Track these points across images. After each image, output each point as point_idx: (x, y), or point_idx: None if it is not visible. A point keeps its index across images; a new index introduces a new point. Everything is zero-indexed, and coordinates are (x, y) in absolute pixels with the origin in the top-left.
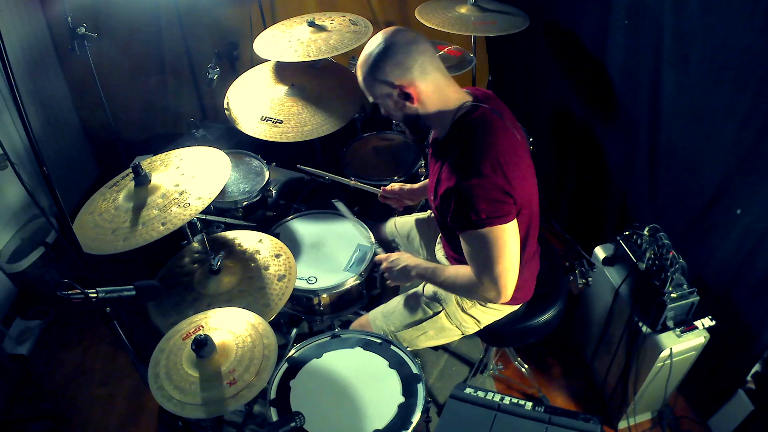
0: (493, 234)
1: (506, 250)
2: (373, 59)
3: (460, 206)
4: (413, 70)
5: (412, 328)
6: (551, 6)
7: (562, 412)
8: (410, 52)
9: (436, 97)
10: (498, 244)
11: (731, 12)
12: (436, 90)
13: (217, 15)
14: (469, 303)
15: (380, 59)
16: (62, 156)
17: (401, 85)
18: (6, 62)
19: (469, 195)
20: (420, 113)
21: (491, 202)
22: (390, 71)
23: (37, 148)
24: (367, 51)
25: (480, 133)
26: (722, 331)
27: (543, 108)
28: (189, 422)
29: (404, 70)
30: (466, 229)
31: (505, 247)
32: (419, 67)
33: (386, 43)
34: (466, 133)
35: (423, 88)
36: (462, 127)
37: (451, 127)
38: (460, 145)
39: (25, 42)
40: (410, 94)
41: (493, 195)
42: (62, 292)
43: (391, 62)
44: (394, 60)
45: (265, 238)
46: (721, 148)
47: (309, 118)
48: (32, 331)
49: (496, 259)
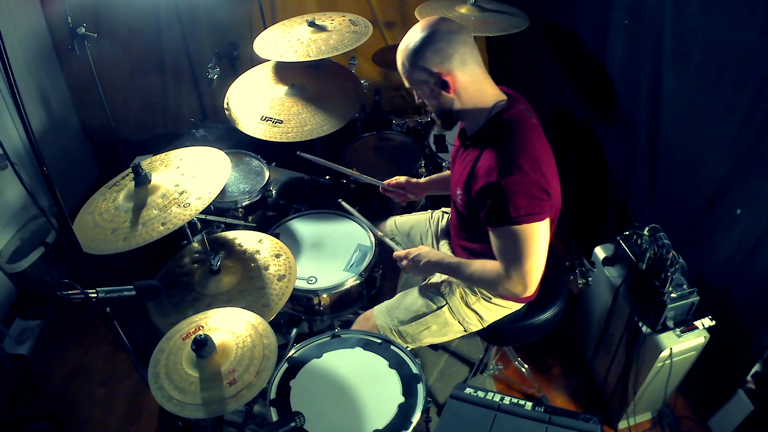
0: (528, 231)
1: (537, 247)
2: (415, 44)
3: (498, 202)
4: (453, 59)
5: (415, 322)
6: (551, 6)
7: (562, 412)
8: (452, 42)
9: (473, 89)
10: (531, 240)
11: (731, 12)
12: (473, 83)
13: (217, 15)
14: (473, 298)
15: (421, 45)
16: (62, 156)
17: (439, 72)
18: (6, 62)
19: (511, 191)
20: (454, 104)
21: (531, 198)
22: (430, 58)
23: (37, 148)
24: (409, 36)
25: (518, 131)
26: (722, 331)
27: (543, 108)
28: (189, 422)
29: (444, 58)
30: (501, 225)
31: (537, 244)
32: (459, 57)
33: (429, 30)
34: (504, 130)
35: (461, 78)
36: (498, 124)
37: (485, 123)
38: (498, 141)
39: (25, 42)
40: (447, 83)
41: (533, 192)
42: (62, 292)
43: (432, 49)
44: (435, 47)
45: (265, 238)
46: (721, 148)
47: (309, 118)
48: (32, 331)
49: (528, 255)
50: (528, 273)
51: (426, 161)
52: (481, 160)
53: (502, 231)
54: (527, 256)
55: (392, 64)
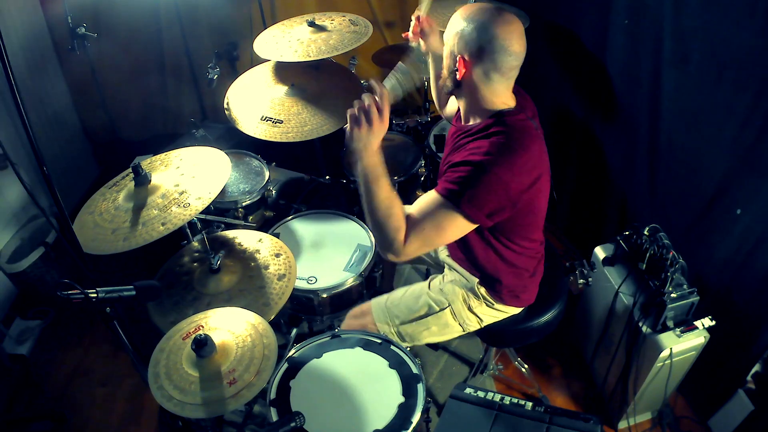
0: (460, 220)
1: (451, 235)
2: (473, 28)
3: (465, 180)
4: (481, 64)
5: (416, 322)
6: (551, 6)
7: (562, 412)
8: (495, 57)
9: (484, 92)
10: (453, 228)
11: (731, 12)
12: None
13: (217, 15)
14: (476, 302)
15: (475, 34)
16: (62, 156)
17: (462, 59)
18: (6, 62)
19: (485, 180)
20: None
21: (493, 197)
22: (468, 46)
23: (37, 148)
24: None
25: (518, 134)
26: (722, 331)
27: (543, 108)
28: (189, 422)
29: (475, 57)
30: (448, 199)
31: (453, 232)
32: (487, 68)
33: (493, 30)
34: (503, 129)
35: (475, 78)
36: (500, 122)
37: (487, 119)
38: (495, 134)
39: (25, 42)
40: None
41: (500, 194)
42: (62, 292)
43: (476, 44)
44: (479, 44)
45: (265, 237)
46: (721, 148)
47: (309, 118)
48: (32, 331)
49: (438, 236)
50: (419, 246)
51: (426, 161)
52: (473, 143)
53: (443, 202)
54: (434, 237)
55: (392, 64)
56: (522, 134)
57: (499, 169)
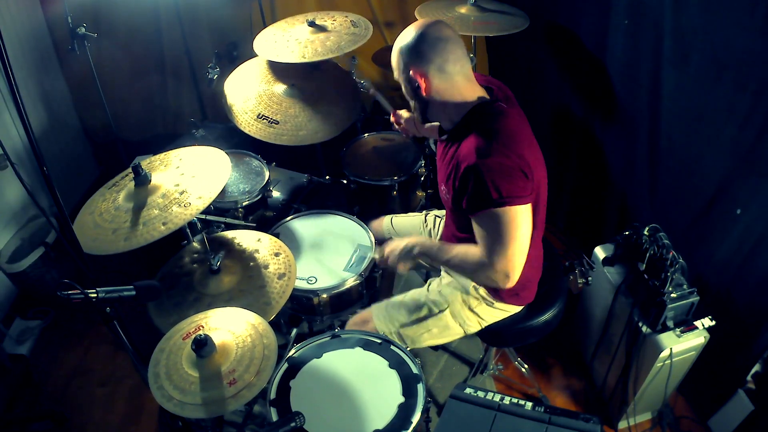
0: (510, 214)
1: (520, 232)
2: (405, 41)
3: (479, 184)
4: (432, 63)
5: (416, 325)
6: (551, 6)
7: (562, 412)
8: (436, 47)
9: (450, 94)
10: (514, 224)
11: (731, 12)
12: (450, 88)
13: (217, 15)
14: (476, 301)
15: (409, 43)
16: (62, 156)
17: (415, 74)
18: (6, 62)
19: (490, 172)
20: (429, 105)
21: (511, 180)
22: (411, 59)
23: (37, 148)
24: (402, 34)
25: (495, 118)
26: (722, 331)
27: (543, 108)
28: (189, 422)
29: (423, 61)
30: (483, 209)
31: (519, 228)
32: (439, 62)
33: (418, 32)
34: (481, 119)
35: (436, 82)
36: (476, 114)
37: (464, 117)
38: (476, 128)
39: (25, 42)
40: (420, 85)
41: (513, 173)
42: (62, 292)
43: (415, 50)
44: (417, 49)
45: (264, 237)
46: (721, 148)
47: (305, 122)
48: (32, 331)
49: (511, 240)
50: (512, 259)
51: (426, 161)
52: (461, 148)
53: (484, 215)
54: (511, 241)
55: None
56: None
57: (494, 157)
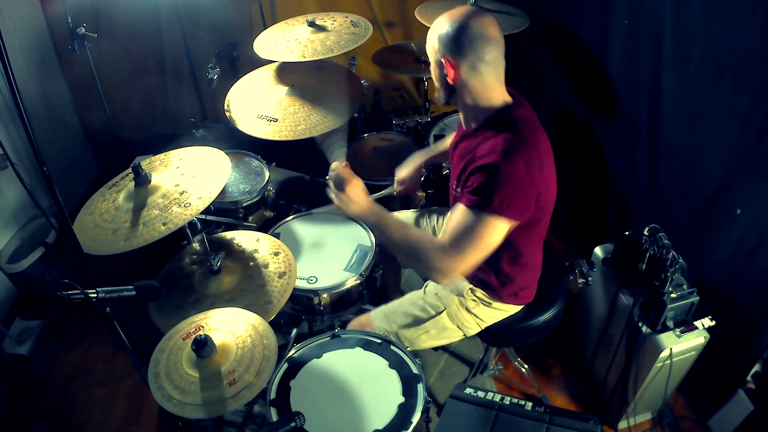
0: (495, 223)
1: (490, 244)
2: (445, 29)
3: (489, 184)
4: (465, 59)
5: (413, 327)
6: (551, 6)
7: (562, 412)
8: (474, 45)
9: (476, 92)
10: (492, 235)
11: (731, 12)
12: (477, 86)
13: (217, 15)
14: (473, 303)
15: (449, 32)
16: (62, 156)
17: (447, 61)
18: (6, 62)
19: (508, 180)
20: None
21: (518, 198)
22: (447, 46)
23: (37, 148)
24: (448, 16)
25: (528, 128)
26: (722, 331)
27: (543, 108)
28: (189, 422)
29: (457, 54)
30: (477, 206)
31: (492, 241)
32: (472, 60)
33: (462, 22)
34: (513, 124)
35: (465, 78)
36: (507, 117)
37: (493, 115)
38: (506, 130)
39: (25, 42)
40: (447, 73)
41: (524, 190)
42: (62, 292)
43: (453, 40)
44: (456, 40)
45: (263, 237)
46: (721, 148)
47: (304, 117)
48: (32, 331)
49: (479, 245)
50: (466, 261)
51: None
52: (483, 144)
53: (474, 211)
54: (479, 246)
55: (392, 65)
56: (528, 126)
57: (517, 166)
